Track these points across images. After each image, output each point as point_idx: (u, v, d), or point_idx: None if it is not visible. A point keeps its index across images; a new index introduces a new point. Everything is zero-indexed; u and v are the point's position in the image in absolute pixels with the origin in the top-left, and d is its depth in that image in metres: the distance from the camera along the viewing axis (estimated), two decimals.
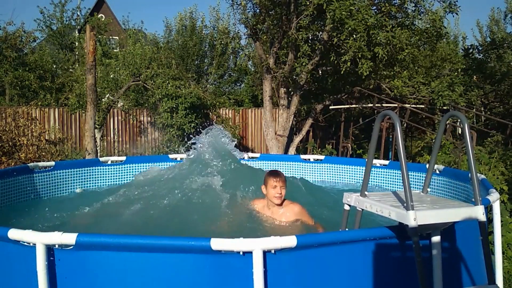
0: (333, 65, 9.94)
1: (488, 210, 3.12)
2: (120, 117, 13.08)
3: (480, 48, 15.62)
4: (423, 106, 12.37)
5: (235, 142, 5.05)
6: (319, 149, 12.09)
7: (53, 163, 5.01)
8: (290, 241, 2.16)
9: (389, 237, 2.37)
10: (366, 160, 2.64)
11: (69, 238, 2.17)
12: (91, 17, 20.31)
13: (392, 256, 2.42)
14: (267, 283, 2.14)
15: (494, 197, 3.07)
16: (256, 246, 2.10)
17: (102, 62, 13.99)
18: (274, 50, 9.99)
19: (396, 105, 10.86)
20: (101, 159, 5.58)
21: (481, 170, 5.89)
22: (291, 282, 2.24)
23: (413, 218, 2.16)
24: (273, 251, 2.15)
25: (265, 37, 10.30)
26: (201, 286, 2.21)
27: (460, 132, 11.98)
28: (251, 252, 2.10)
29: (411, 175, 3.71)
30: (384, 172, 5.36)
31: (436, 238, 2.36)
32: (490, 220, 3.25)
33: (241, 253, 2.11)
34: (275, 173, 3.76)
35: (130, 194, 4.36)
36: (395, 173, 5.24)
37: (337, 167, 5.84)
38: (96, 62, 7.67)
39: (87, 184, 5.29)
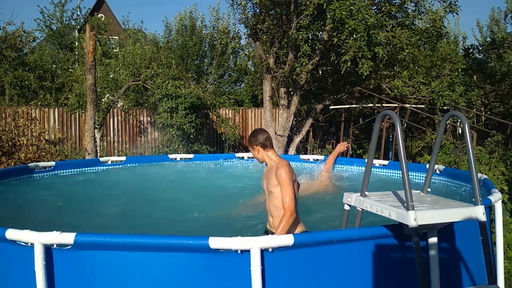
0: (333, 65, 9.93)
1: (490, 210, 3.10)
2: (120, 117, 13.07)
3: (480, 48, 15.57)
4: (423, 106, 12.35)
5: None
6: (319, 149, 12.08)
7: (53, 163, 5.01)
8: (288, 239, 2.17)
9: (387, 236, 2.36)
10: (366, 160, 2.63)
11: (67, 238, 2.16)
12: (91, 17, 20.31)
13: (390, 255, 2.41)
14: (264, 281, 2.15)
15: (496, 197, 3.06)
16: (254, 244, 2.11)
17: (102, 62, 13.96)
18: (274, 50, 9.97)
19: (396, 105, 10.84)
20: (101, 159, 5.57)
21: (481, 170, 5.88)
22: (288, 281, 2.24)
23: (413, 218, 2.15)
24: (270, 250, 2.15)
25: (265, 37, 10.28)
26: (200, 285, 2.21)
27: (460, 132, 11.96)
28: (249, 251, 2.11)
29: (410, 175, 3.68)
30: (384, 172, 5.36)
31: (433, 238, 2.35)
32: (491, 220, 3.23)
33: (239, 251, 2.12)
34: None
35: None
36: (395, 173, 5.24)
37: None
38: (96, 62, 7.66)
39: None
